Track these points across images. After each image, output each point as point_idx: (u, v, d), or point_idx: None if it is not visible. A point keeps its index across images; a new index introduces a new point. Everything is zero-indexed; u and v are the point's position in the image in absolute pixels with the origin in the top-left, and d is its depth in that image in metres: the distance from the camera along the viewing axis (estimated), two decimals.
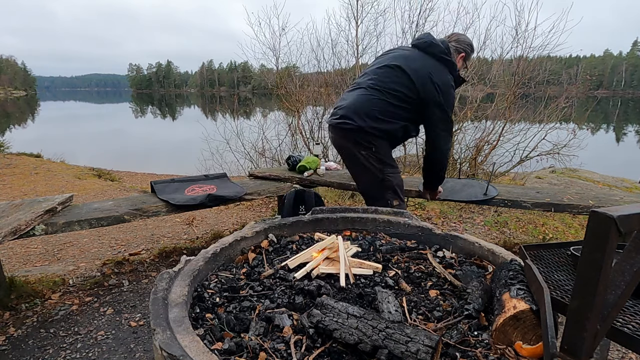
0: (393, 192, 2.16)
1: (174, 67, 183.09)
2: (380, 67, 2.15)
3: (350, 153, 2.20)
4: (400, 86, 2.06)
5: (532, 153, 5.45)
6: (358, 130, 2.09)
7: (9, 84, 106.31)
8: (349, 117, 2.10)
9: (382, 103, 2.07)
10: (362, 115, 2.08)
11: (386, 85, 2.08)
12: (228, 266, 1.30)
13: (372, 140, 2.10)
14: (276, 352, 0.84)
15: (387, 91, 2.07)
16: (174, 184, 2.76)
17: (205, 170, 5.78)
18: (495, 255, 1.26)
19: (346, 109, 2.13)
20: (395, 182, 2.17)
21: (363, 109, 2.09)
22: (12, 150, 8.54)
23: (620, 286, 0.67)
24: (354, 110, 2.10)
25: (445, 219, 3.80)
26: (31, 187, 5.01)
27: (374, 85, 2.10)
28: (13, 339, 1.86)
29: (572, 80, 6.77)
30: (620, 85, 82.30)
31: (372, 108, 2.07)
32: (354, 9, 5.59)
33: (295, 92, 5.85)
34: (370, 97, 2.09)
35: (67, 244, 3.11)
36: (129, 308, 2.15)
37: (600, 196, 2.58)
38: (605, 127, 16.72)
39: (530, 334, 0.84)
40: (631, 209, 0.64)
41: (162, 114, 34.41)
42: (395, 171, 2.19)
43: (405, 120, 2.13)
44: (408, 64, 2.08)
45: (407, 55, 2.15)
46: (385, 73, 2.11)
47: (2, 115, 28.95)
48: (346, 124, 2.11)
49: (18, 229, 1.88)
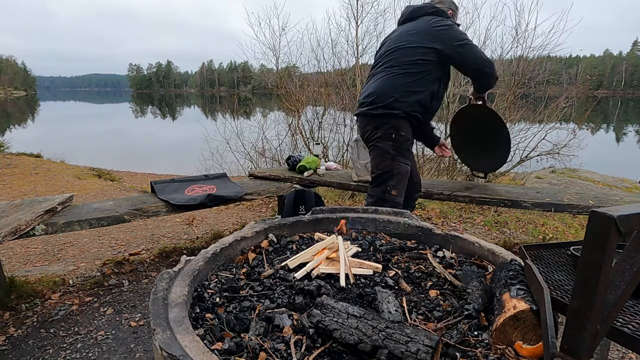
0: (396, 182, 2.18)
1: (174, 67, 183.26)
2: (389, 50, 2.22)
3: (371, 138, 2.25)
4: (415, 54, 2.12)
5: (532, 153, 5.44)
6: (384, 116, 2.15)
7: (9, 84, 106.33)
8: (375, 101, 2.16)
9: (407, 76, 2.13)
10: (392, 94, 2.13)
11: (403, 60, 2.14)
12: (228, 266, 1.30)
13: (397, 124, 2.15)
14: (276, 352, 0.84)
15: (406, 64, 2.13)
16: (174, 184, 2.76)
17: (205, 170, 5.78)
18: (495, 255, 1.26)
19: (372, 95, 2.19)
20: (402, 172, 2.19)
21: (389, 87, 2.15)
22: (12, 150, 8.55)
23: (620, 286, 0.67)
24: (381, 93, 2.16)
25: (445, 219, 3.80)
26: (31, 187, 5.01)
27: (391, 64, 2.17)
28: (13, 339, 1.86)
29: (572, 80, 6.75)
30: (620, 85, 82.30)
31: (398, 83, 2.14)
32: (354, 9, 5.58)
33: (295, 92, 5.85)
34: (392, 75, 2.16)
35: (67, 244, 3.11)
36: (129, 308, 2.15)
37: (600, 196, 2.58)
38: (605, 127, 16.71)
39: (530, 334, 0.84)
40: (631, 209, 0.64)
41: (162, 114, 34.40)
42: (405, 162, 2.21)
43: (431, 83, 2.15)
44: (410, 34, 2.17)
45: (405, 30, 2.23)
46: (397, 52, 2.18)
47: (2, 115, 28.94)
48: (375, 109, 2.17)
49: (18, 229, 1.88)
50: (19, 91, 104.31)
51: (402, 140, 2.17)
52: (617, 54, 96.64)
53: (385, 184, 2.18)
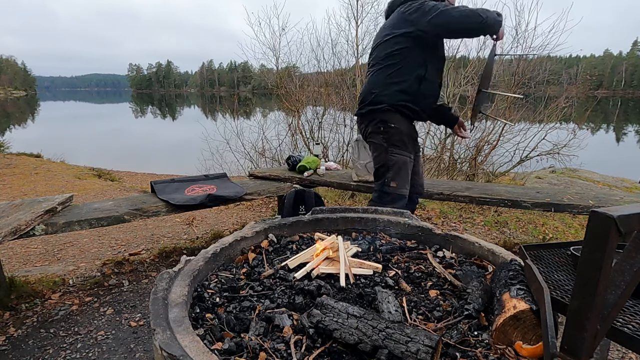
0: (393, 173, 2.18)
1: (174, 67, 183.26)
2: (372, 49, 2.29)
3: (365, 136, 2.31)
4: (391, 46, 2.13)
5: (532, 153, 5.45)
6: (370, 112, 2.19)
7: (9, 84, 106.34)
8: (363, 100, 2.24)
9: (386, 69, 2.15)
10: (373, 90, 2.18)
11: (382, 55, 2.17)
12: (228, 266, 1.30)
13: (384, 117, 2.16)
14: (276, 352, 0.84)
15: (384, 58, 2.16)
16: (174, 184, 2.76)
17: (205, 170, 5.78)
18: (495, 255, 1.26)
19: (360, 96, 2.28)
20: (398, 162, 2.18)
21: (372, 85, 2.20)
22: (12, 150, 8.54)
23: (620, 286, 0.67)
24: (366, 91, 2.23)
25: (445, 219, 3.80)
26: (31, 187, 5.01)
27: (374, 62, 2.23)
28: (13, 339, 1.86)
29: (572, 80, 6.75)
30: (620, 85, 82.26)
31: (379, 78, 2.17)
32: (354, 9, 5.58)
33: (295, 92, 5.85)
34: (375, 72, 2.20)
35: (67, 244, 3.11)
36: (129, 308, 2.15)
37: (600, 196, 2.58)
38: (605, 127, 16.69)
39: (530, 334, 0.84)
40: (631, 209, 0.64)
41: (162, 114, 34.39)
42: (400, 152, 2.19)
43: (416, 68, 2.12)
44: (386, 28, 2.20)
45: (382, 26, 2.28)
46: (377, 49, 2.22)
47: (2, 115, 28.94)
48: (362, 108, 2.24)
49: (18, 229, 1.88)
50: (19, 91, 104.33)
51: (392, 132, 2.16)
52: (617, 54, 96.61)
53: (383, 176, 2.20)
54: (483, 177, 5.31)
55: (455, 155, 5.57)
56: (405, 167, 2.21)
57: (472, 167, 5.37)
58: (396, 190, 2.18)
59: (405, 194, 2.21)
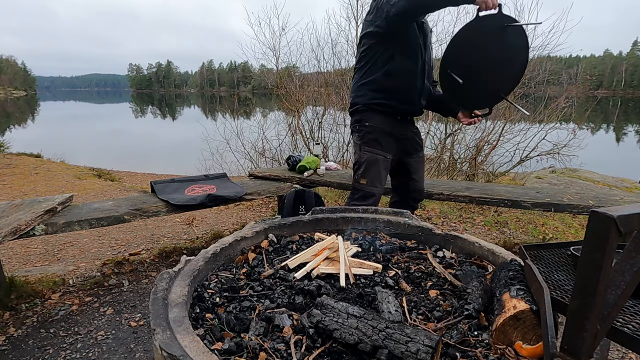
0: (363, 171, 2.20)
1: (174, 67, 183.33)
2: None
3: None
4: (360, 51, 2.20)
5: (532, 153, 5.45)
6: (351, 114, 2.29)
7: (9, 84, 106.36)
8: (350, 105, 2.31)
9: (359, 71, 2.21)
10: (352, 94, 2.27)
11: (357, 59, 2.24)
12: (228, 266, 1.30)
13: (358, 117, 2.23)
14: (276, 352, 0.84)
15: (358, 61, 2.22)
16: (174, 184, 2.76)
17: (205, 170, 5.77)
18: (495, 255, 1.26)
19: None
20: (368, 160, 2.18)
21: (351, 89, 2.29)
22: (12, 150, 8.54)
23: (620, 286, 0.67)
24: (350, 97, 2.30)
25: (445, 219, 3.80)
26: (31, 187, 5.01)
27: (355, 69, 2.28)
28: (13, 339, 1.86)
29: (572, 80, 6.75)
30: (620, 85, 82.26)
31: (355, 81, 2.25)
32: (353, 9, 5.58)
33: (295, 92, 5.85)
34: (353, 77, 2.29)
35: (67, 244, 3.11)
36: (129, 308, 2.15)
37: (600, 196, 2.58)
38: (605, 127, 16.69)
39: (530, 334, 0.84)
40: (631, 209, 0.63)
41: (162, 114, 34.38)
42: (371, 150, 2.18)
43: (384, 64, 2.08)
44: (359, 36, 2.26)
45: None
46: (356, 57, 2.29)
47: (2, 115, 28.93)
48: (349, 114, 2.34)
49: (18, 229, 1.88)
50: (19, 91, 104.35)
51: (365, 130, 2.19)
52: (617, 54, 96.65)
53: (355, 173, 2.25)
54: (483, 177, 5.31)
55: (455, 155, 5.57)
56: (376, 165, 2.18)
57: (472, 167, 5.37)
58: (365, 187, 2.19)
59: (374, 192, 2.20)
